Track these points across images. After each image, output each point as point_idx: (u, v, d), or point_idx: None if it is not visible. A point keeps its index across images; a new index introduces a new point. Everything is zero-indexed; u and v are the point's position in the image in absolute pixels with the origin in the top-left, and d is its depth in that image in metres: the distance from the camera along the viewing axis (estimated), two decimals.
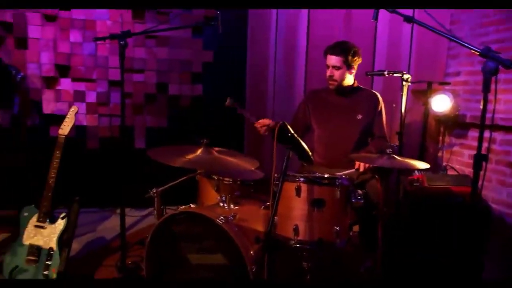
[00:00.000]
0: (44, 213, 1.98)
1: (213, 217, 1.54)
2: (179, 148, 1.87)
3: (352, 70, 2.33)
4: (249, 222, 1.64)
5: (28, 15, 3.02)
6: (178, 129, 3.43)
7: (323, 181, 1.58)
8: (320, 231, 1.55)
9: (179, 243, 1.72)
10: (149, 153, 1.77)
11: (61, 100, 3.16)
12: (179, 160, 1.67)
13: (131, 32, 1.93)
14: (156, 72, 3.29)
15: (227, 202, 1.75)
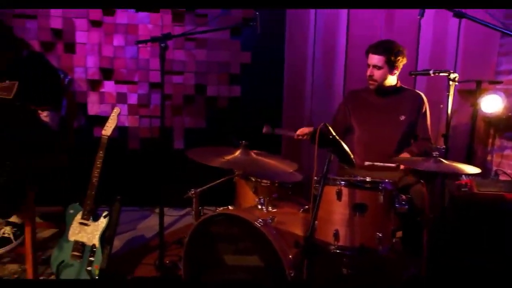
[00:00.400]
0: (87, 211, 2.05)
1: (252, 219, 1.52)
2: (218, 149, 1.87)
3: (395, 71, 2.24)
4: (288, 225, 1.61)
5: (76, 21, 3.16)
6: (216, 130, 3.46)
7: (365, 185, 1.52)
8: (361, 237, 1.49)
9: (216, 244, 1.72)
10: (188, 153, 1.78)
11: (104, 102, 3.27)
12: (217, 160, 1.67)
13: (172, 34, 1.96)
14: (195, 74, 3.34)
15: (266, 204, 1.72)
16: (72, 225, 2.07)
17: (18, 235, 2.08)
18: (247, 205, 2.09)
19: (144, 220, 3.26)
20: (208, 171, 3.27)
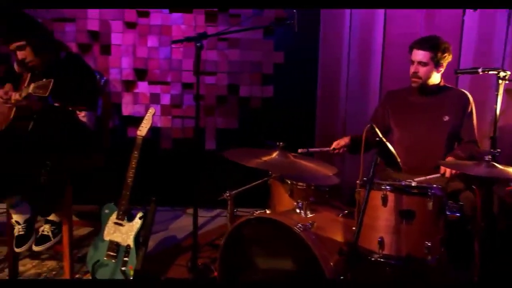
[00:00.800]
0: (122, 211, 2.05)
1: (291, 224, 1.46)
2: (255, 150, 1.83)
3: (440, 68, 2.12)
4: (327, 231, 1.54)
5: (112, 23, 3.20)
6: (248, 130, 3.42)
7: (413, 190, 1.43)
8: (408, 246, 1.40)
9: (252, 247, 1.68)
10: (225, 154, 1.75)
11: (138, 102, 3.30)
12: (254, 161, 1.62)
13: (207, 34, 1.93)
14: (228, 74, 3.31)
15: (304, 208, 1.66)
16: (107, 225, 2.07)
17: (56, 233, 2.11)
18: (283, 208, 2.03)
19: (176, 220, 3.26)
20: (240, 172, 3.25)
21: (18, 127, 2.04)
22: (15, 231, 2.08)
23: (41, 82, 1.77)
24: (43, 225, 2.14)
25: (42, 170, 1.82)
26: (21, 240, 2.06)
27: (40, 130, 1.99)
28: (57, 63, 2.10)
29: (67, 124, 2.02)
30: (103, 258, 2.04)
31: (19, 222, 2.07)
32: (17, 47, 1.96)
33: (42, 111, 2.00)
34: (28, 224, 2.09)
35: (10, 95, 2.04)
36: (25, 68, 2.06)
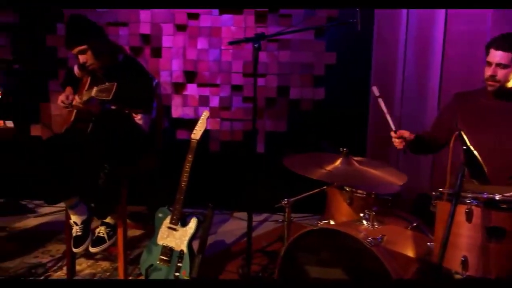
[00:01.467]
0: (176, 215, 2.02)
1: (361, 238, 1.36)
2: (315, 156, 1.73)
3: None
4: (398, 245, 1.42)
5: (163, 26, 3.22)
6: (298, 133, 3.33)
7: (502, 204, 1.27)
8: (498, 268, 1.25)
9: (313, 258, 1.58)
10: (285, 162, 1.66)
11: (187, 105, 3.30)
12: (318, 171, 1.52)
13: (265, 34, 1.86)
14: (277, 76, 3.23)
15: (371, 220, 1.54)
16: (161, 229, 2.05)
17: (111, 235, 2.12)
18: (342, 217, 1.92)
19: (223, 224, 3.22)
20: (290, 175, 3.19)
21: (78, 129, 2.07)
22: (73, 231, 2.12)
23: (104, 85, 1.78)
24: (99, 226, 2.16)
25: (100, 173, 1.83)
26: (79, 241, 2.09)
27: (98, 133, 2.01)
28: (116, 66, 2.12)
29: (124, 127, 2.03)
30: (157, 263, 2.03)
31: (77, 223, 2.10)
32: (79, 51, 1.98)
33: (100, 114, 2.01)
34: (85, 225, 2.12)
35: (71, 99, 2.08)
36: (85, 72, 2.09)
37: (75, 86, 2.24)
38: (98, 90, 1.80)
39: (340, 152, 1.67)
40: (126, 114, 2.03)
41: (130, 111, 2.05)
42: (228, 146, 3.38)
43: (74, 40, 1.96)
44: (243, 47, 3.23)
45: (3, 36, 3.37)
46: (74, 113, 2.06)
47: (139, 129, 2.10)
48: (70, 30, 1.98)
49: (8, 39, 3.38)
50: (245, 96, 3.28)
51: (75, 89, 2.23)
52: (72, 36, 1.97)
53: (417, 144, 2.05)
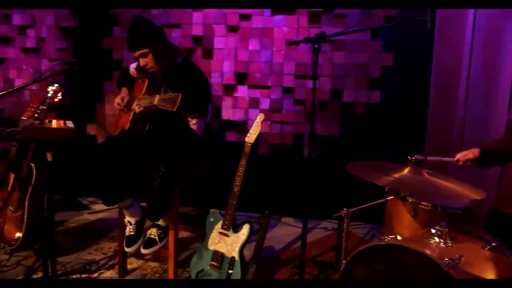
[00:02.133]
0: (228, 221, 1.97)
1: (437, 258, 1.22)
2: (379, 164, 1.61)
3: None
4: (477, 268, 1.27)
5: (215, 27, 3.21)
6: (351, 138, 3.19)
7: None
8: None
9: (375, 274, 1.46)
10: (348, 168, 1.56)
11: (237, 107, 3.26)
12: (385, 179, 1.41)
13: (326, 34, 1.76)
14: (331, 78, 3.11)
15: (444, 237, 1.40)
16: (212, 234, 2.01)
17: (162, 238, 2.11)
18: (403, 229, 1.78)
19: (272, 229, 3.15)
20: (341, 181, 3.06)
21: (134, 131, 2.08)
22: (126, 230, 2.13)
23: (168, 95, 1.76)
24: (151, 228, 2.16)
25: (155, 175, 1.81)
26: (131, 241, 2.10)
27: (154, 135, 2.00)
28: (174, 69, 2.10)
29: (180, 130, 2.00)
30: (207, 268, 1.98)
31: (130, 223, 2.12)
32: (141, 54, 1.99)
33: (156, 117, 2.00)
34: (138, 226, 2.13)
35: (126, 101, 2.09)
36: (143, 74, 2.09)
37: (130, 86, 2.25)
38: (161, 99, 1.78)
39: (408, 161, 1.54)
40: (182, 117, 2.01)
41: (186, 115, 2.02)
42: (277, 149, 3.31)
43: (136, 43, 1.96)
44: (295, 48, 3.14)
45: (64, 40, 3.52)
46: (131, 115, 2.07)
47: (194, 134, 2.07)
48: (132, 33, 1.98)
49: (69, 42, 3.52)
50: (296, 99, 3.19)
51: (130, 90, 2.24)
52: (134, 38, 1.97)
53: (485, 159, 1.86)
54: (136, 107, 1.97)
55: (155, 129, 2.04)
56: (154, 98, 1.87)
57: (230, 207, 1.96)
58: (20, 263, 2.41)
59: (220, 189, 2.51)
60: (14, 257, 2.46)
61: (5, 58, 3.65)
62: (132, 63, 2.26)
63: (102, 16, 3.40)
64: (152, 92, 2.03)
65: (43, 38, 3.53)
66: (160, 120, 2.01)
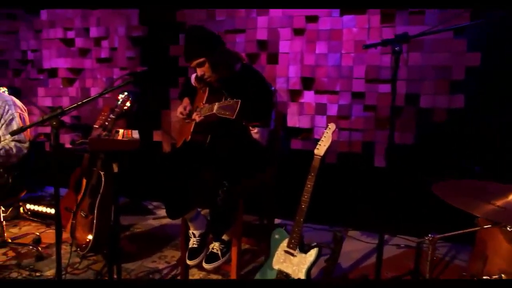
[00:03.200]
0: (295, 239, 1.83)
1: None
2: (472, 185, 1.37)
3: None
4: None
5: (281, 31, 3.09)
6: (428, 148, 2.89)
7: None
8: None
9: None
10: (434, 189, 1.34)
11: (303, 113, 3.11)
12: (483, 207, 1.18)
13: (409, 35, 1.55)
14: (406, 82, 2.84)
15: None
16: (277, 252, 1.88)
17: (224, 252, 2.03)
18: (499, 260, 1.52)
19: None
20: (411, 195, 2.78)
21: (196, 142, 2.02)
22: (190, 242, 2.09)
23: (226, 102, 1.68)
24: (213, 242, 2.09)
25: (219, 190, 1.73)
26: (194, 253, 2.05)
27: (214, 147, 1.93)
28: (233, 76, 2.01)
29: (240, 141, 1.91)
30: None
31: (194, 235, 2.07)
32: (197, 64, 1.93)
33: (217, 127, 1.93)
34: (202, 238, 2.07)
35: (188, 110, 2.04)
36: (203, 83, 2.03)
37: (192, 96, 2.21)
38: (220, 107, 1.70)
39: None
40: (243, 127, 1.91)
41: (247, 124, 1.92)
42: (345, 158, 3.10)
43: (192, 53, 1.91)
44: (365, 50, 2.91)
45: (134, 49, 3.62)
46: (193, 125, 2.02)
47: (255, 143, 1.96)
48: (188, 42, 1.93)
49: (137, 51, 3.63)
50: (366, 105, 2.96)
51: (192, 100, 2.20)
52: (190, 48, 1.91)
53: None
54: (196, 116, 1.91)
55: (215, 140, 1.96)
56: (213, 106, 1.79)
57: (297, 224, 1.82)
58: (90, 267, 2.49)
59: (284, 198, 2.39)
60: (85, 260, 2.55)
61: (82, 69, 3.86)
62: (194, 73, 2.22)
63: (169, 25, 3.44)
64: (213, 101, 1.97)
65: (115, 48, 3.66)
66: (220, 130, 1.93)
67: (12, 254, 2.68)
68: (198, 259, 2.04)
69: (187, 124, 2.09)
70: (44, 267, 2.50)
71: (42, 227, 3.17)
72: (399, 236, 3.01)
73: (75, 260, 2.52)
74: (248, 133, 1.95)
